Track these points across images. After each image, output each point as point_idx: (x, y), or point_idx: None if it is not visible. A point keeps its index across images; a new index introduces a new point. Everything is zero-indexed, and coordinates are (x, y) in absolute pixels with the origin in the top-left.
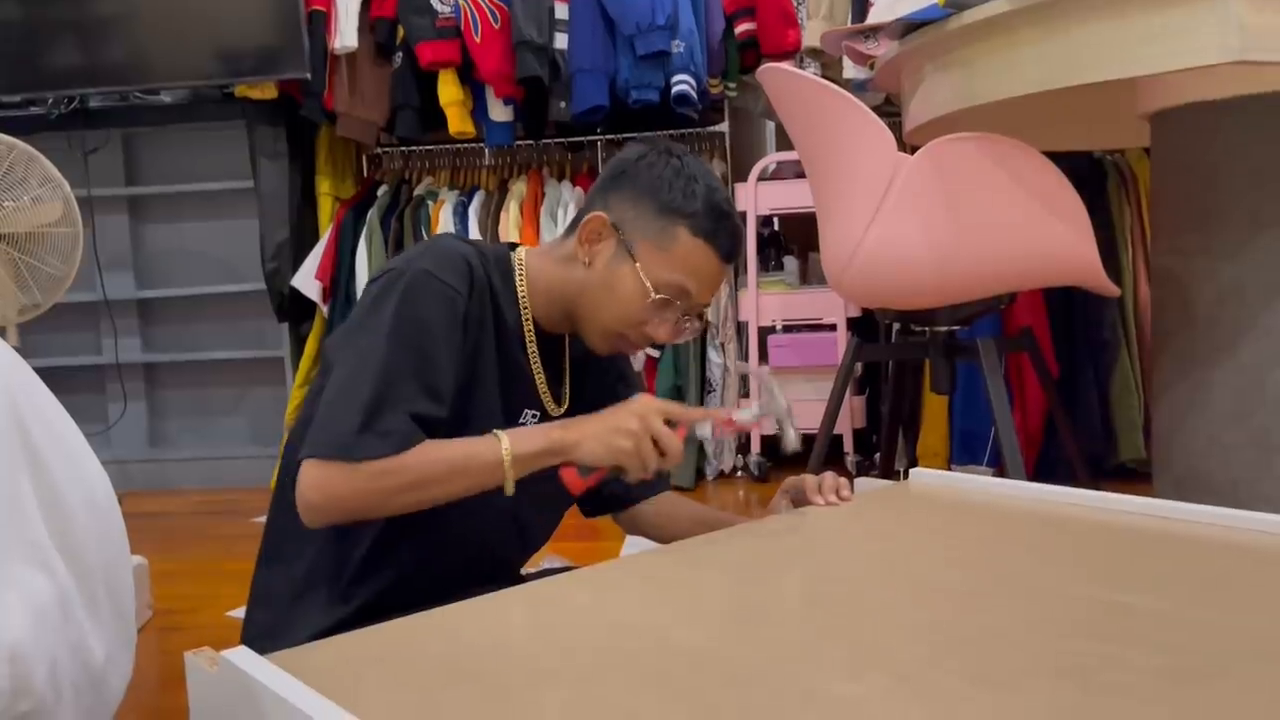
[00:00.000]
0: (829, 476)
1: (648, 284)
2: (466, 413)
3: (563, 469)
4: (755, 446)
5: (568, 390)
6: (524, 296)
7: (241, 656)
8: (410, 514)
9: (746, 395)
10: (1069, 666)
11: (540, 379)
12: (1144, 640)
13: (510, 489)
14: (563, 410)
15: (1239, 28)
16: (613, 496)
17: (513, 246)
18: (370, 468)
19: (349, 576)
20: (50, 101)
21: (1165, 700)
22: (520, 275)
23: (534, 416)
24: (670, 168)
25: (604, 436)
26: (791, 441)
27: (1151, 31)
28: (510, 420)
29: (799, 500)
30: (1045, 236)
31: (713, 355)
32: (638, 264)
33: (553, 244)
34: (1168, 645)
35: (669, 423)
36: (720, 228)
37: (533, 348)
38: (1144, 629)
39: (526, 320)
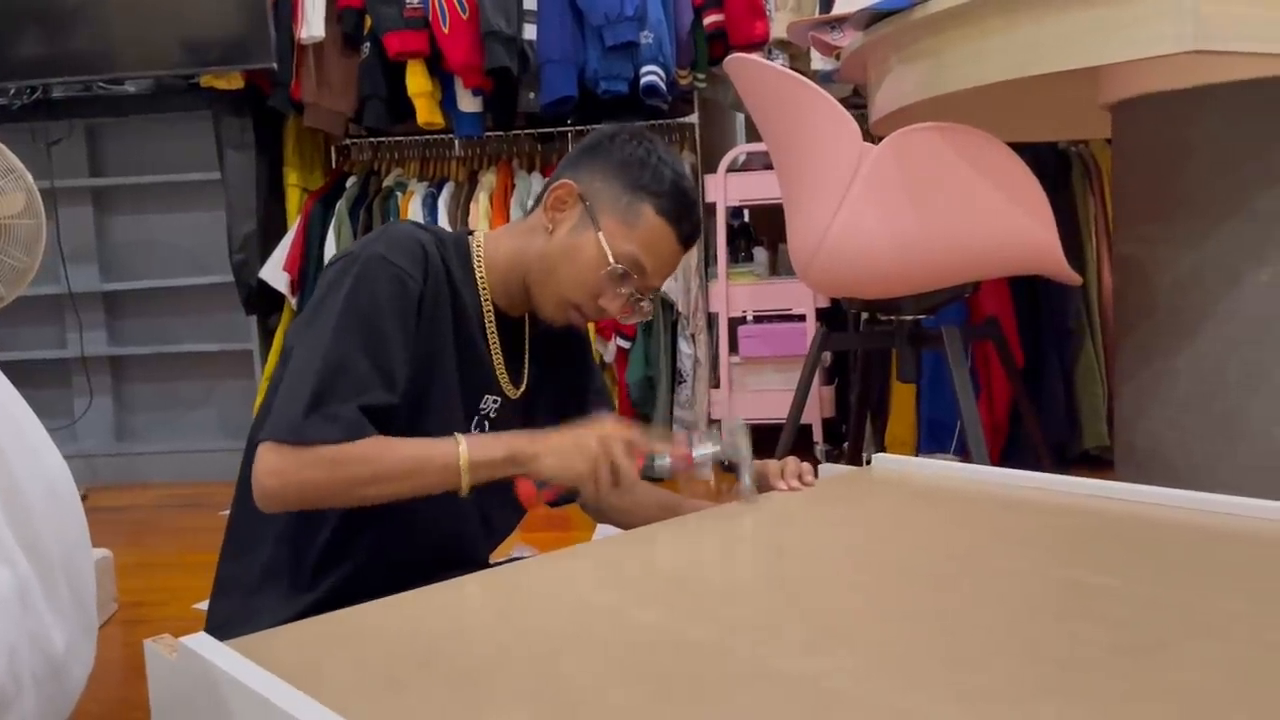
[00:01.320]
0: (791, 461)
1: (608, 252)
2: (424, 398)
3: (519, 480)
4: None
5: (526, 371)
6: (482, 279)
7: (201, 643)
8: (371, 505)
9: (716, 385)
10: (1025, 643)
11: (499, 362)
12: (1099, 617)
13: (466, 493)
14: (520, 392)
15: (1194, 17)
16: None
17: (471, 232)
18: (326, 456)
19: (311, 566)
20: (12, 92)
21: (1117, 673)
22: (479, 258)
23: (494, 401)
24: (643, 148)
25: (564, 455)
26: (746, 489)
27: (1111, 21)
28: (470, 406)
29: (763, 486)
30: (1007, 225)
31: (684, 346)
32: (600, 233)
33: (515, 222)
34: (1122, 621)
35: (630, 450)
36: (684, 213)
37: (492, 330)
38: (1099, 607)
39: (486, 303)
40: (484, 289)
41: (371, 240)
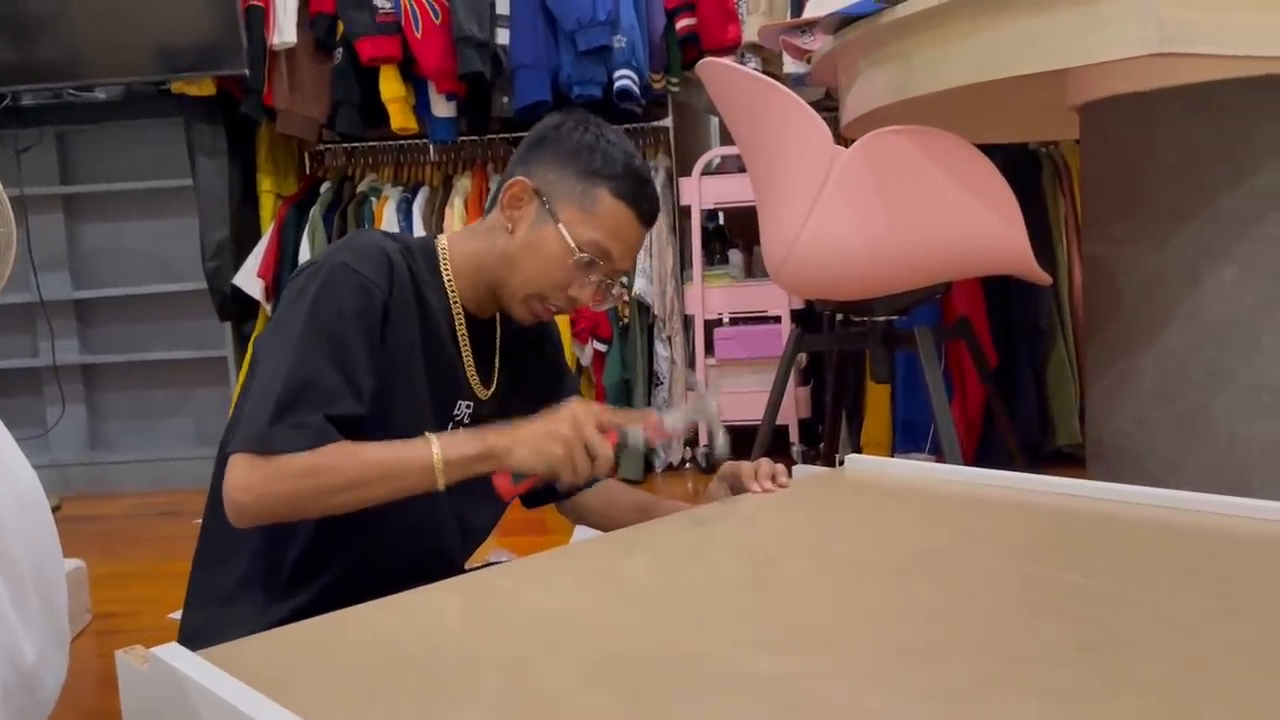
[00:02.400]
0: (765, 463)
1: (571, 243)
2: (393, 407)
3: (495, 475)
4: (703, 439)
5: (496, 373)
6: (450, 281)
7: (172, 653)
8: (346, 513)
9: (693, 388)
10: (986, 639)
11: (469, 365)
12: (1066, 614)
13: (442, 490)
14: (490, 393)
15: (1157, 21)
16: (553, 488)
17: (436, 237)
18: (297, 467)
19: (286, 576)
20: None
21: (1084, 670)
22: (445, 261)
23: (467, 407)
24: (590, 134)
25: (537, 444)
26: (720, 448)
27: (1076, 24)
28: (442, 412)
29: (736, 487)
30: (977, 227)
31: (660, 349)
32: (560, 224)
33: (476, 224)
34: (1089, 618)
35: (601, 428)
36: (641, 192)
37: (463, 334)
38: (1063, 603)
39: (455, 306)
40: (452, 293)
41: (336, 249)
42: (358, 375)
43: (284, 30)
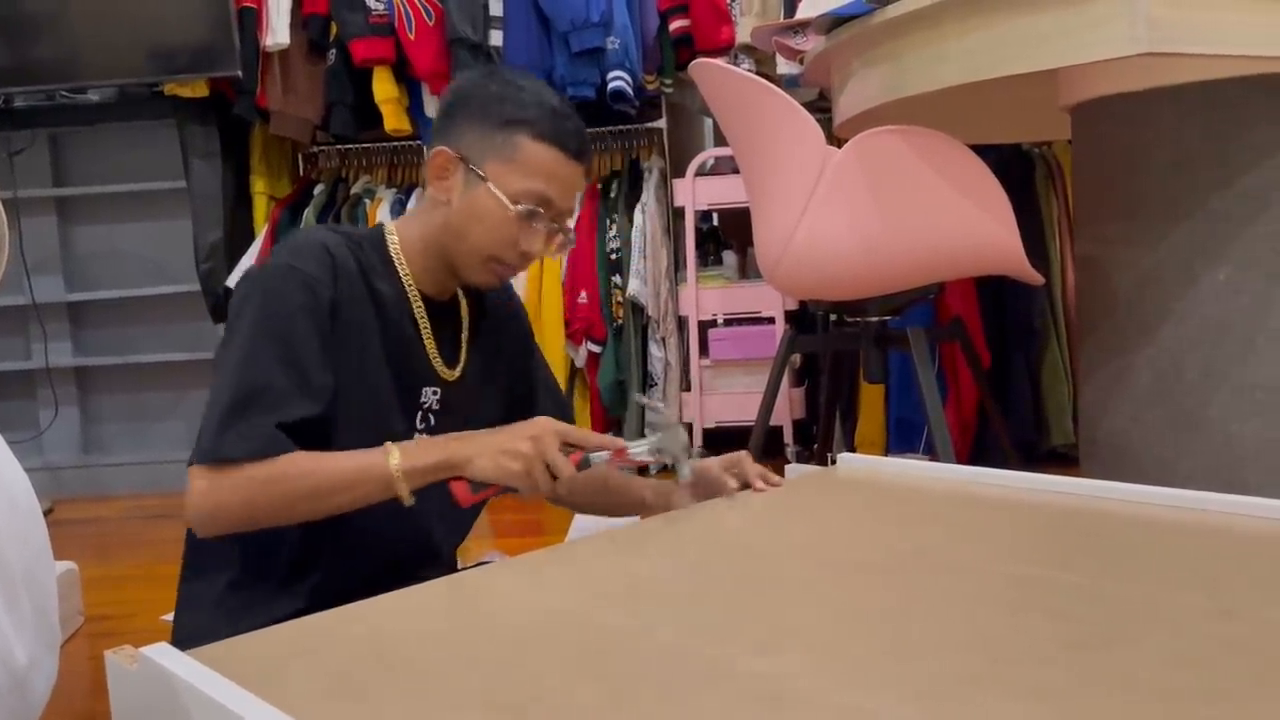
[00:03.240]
0: (744, 460)
1: (504, 199)
2: (353, 400)
3: (453, 482)
4: (696, 441)
5: (463, 355)
6: (402, 266)
7: (161, 653)
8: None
9: (688, 389)
10: (977, 637)
11: (432, 350)
12: (1053, 612)
13: (408, 501)
14: (456, 375)
15: (1147, 21)
16: None
17: (382, 224)
18: (258, 475)
19: (276, 579)
20: None
21: (1073, 668)
22: (395, 247)
23: (434, 393)
24: (497, 83)
25: (496, 457)
26: (684, 477)
27: (1065, 25)
28: (408, 402)
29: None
30: (969, 227)
31: (654, 350)
32: (489, 183)
33: (416, 208)
34: (1079, 616)
35: (566, 448)
36: (561, 127)
37: (422, 318)
38: (1054, 601)
39: (410, 290)
40: (406, 278)
41: (277, 251)
42: (311, 374)
43: (277, 31)
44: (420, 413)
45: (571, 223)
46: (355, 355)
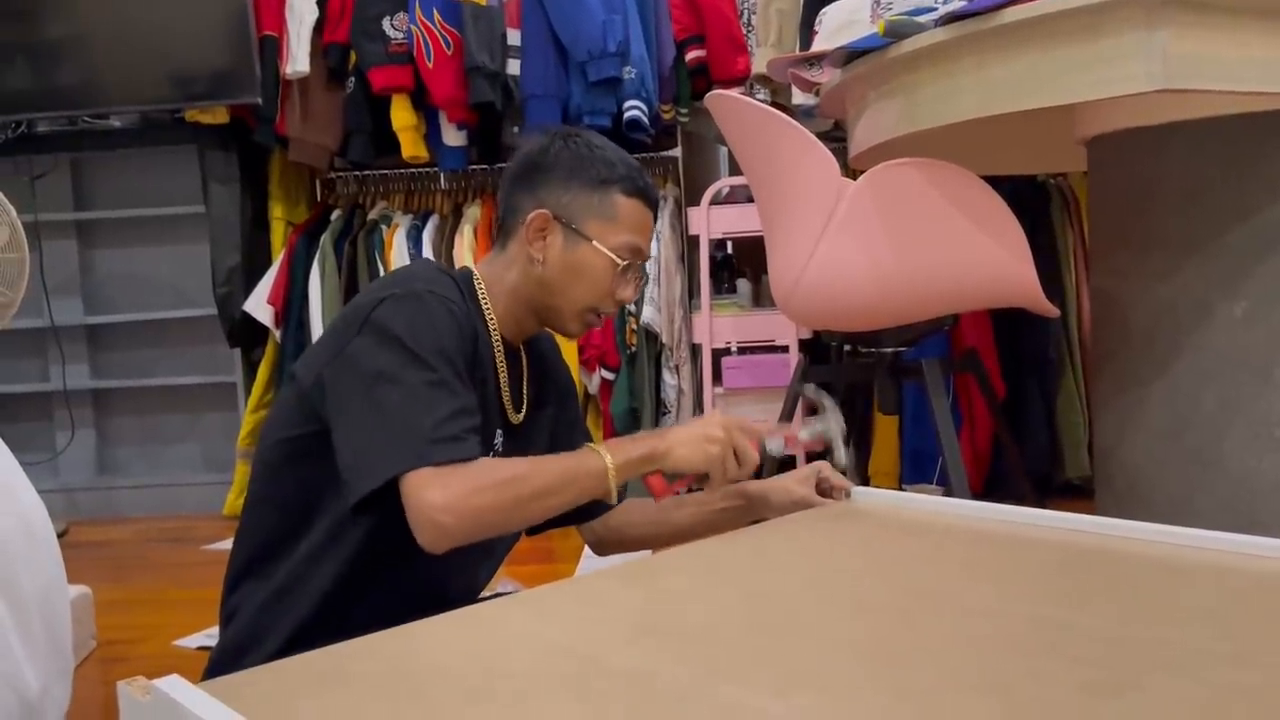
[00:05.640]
0: (825, 468)
1: (611, 255)
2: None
3: (649, 478)
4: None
5: (525, 400)
6: (489, 310)
7: (173, 685)
8: (391, 538)
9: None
10: (992, 682)
11: (505, 392)
12: (1067, 655)
13: (614, 499)
14: (520, 419)
15: (1163, 57)
16: (579, 511)
17: (470, 268)
18: (488, 481)
19: (324, 592)
20: None
21: (1086, 713)
22: (483, 294)
23: (500, 436)
24: (582, 144)
25: (696, 444)
26: (841, 460)
27: (1083, 60)
28: (486, 442)
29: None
30: (984, 259)
31: (667, 377)
32: (594, 241)
33: (494, 256)
34: (1090, 660)
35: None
36: (644, 181)
37: (501, 362)
38: (1068, 644)
39: (495, 335)
40: (492, 323)
41: (407, 278)
42: (467, 393)
43: (297, 60)
44: (492, 453)
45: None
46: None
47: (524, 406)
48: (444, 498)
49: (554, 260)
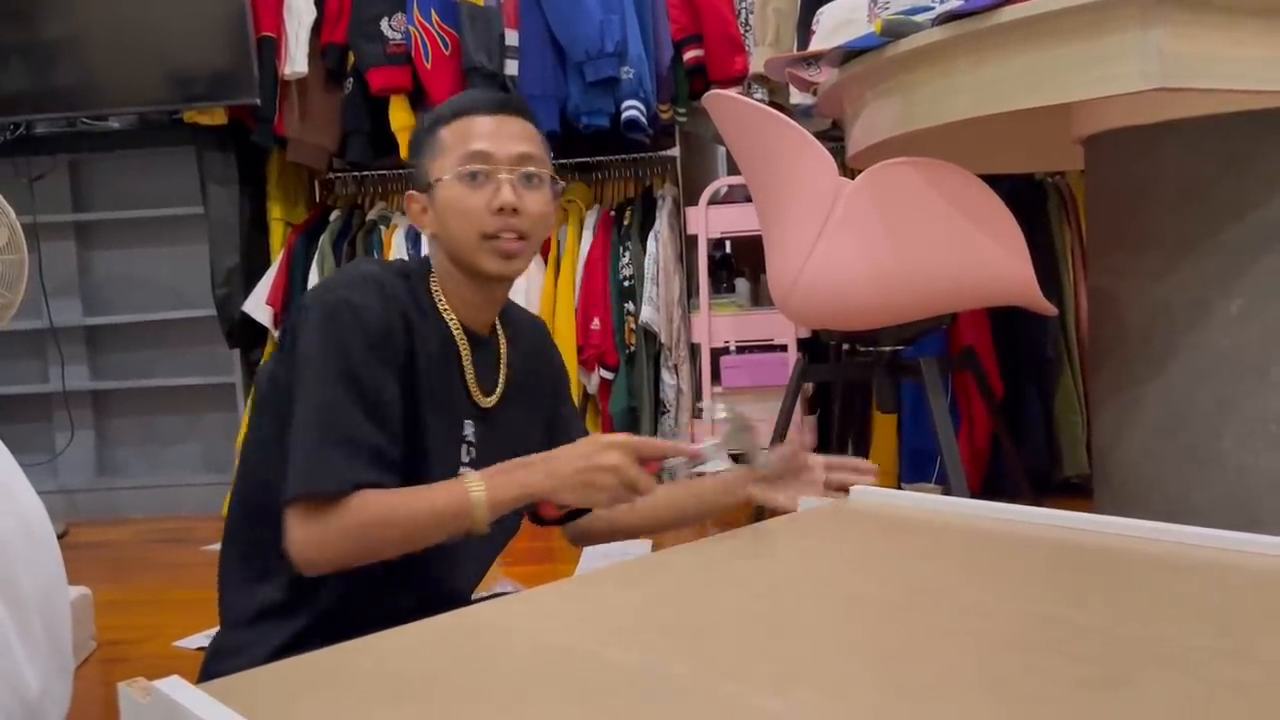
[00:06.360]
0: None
1: (453, 179)
2: (417, 431)
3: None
4: (708, 470)
5: (500, 385)
6: (442, 301)
7: (173, 686)
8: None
9: (699, 416)
10: (989, 677)
11: (471, 379)
12: (1065, 652)
13: (484, 532)
14: (494, 402)
15: (1159, 55)
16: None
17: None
18: (353, 525)
19: (309, 596)
20: None
21: (1081, 709)
22: (435, 280)
23: (473, 425)
24: (427, 117)
25: (579, 489)
26: (763, 467)
27: (1079, 59)
28: (453, 432)
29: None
30: (981, 258)
31: (666, 377)
32: (439, 180)
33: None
34: (1088, 657)
35: (643, 460)
36: (463, 101)
37: (465, 352)
38: (1065, 639)
39: (452, 322)
40: (446, 311)
41: (332, 285)
42: (383, 407)
43: (295, 60)
44: (464, 445)
45: (526, 168)
46: (405, 387)
47: (497, 392)
48: (306, 535)
49: (433, 222)
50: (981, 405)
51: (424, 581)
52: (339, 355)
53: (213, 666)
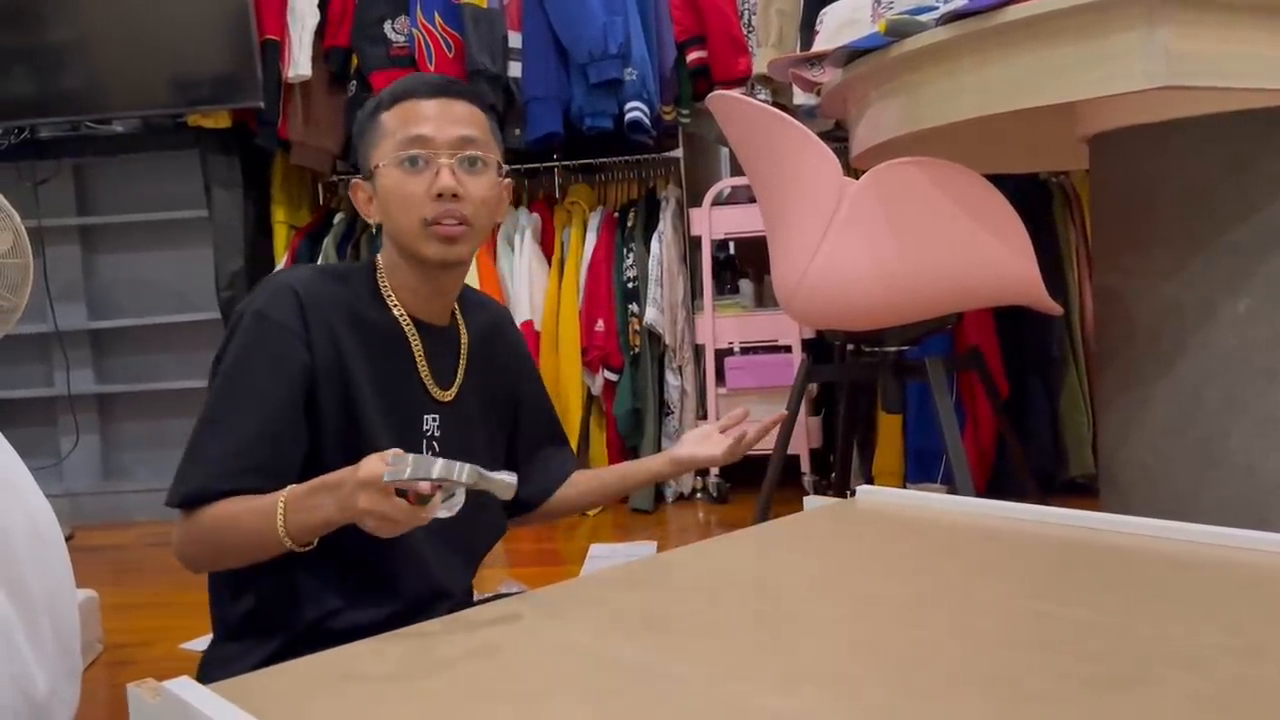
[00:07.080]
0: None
1: (391, 165)
2: (345, 429)
3: None
4: (713, 470)
5: (459, 377)
6: (390, 296)
7: (183, 687)
8: (357, 541)
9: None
10: (996, 675)
11: (425, 373)
12: (1071, 649)
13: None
14: (452, 396)
15: (1164, 54)
16: (520, 502)
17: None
18: (201, 526)
19: (290, 606)
20: (0, 132)
21: (1085, 706)
22: (382, 278)
23: (434, 420)
24: (366, 106)
25: (357, 517)
26: (503, 491)
27: (1084, 58)
28: (408, 429)
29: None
30: (987, 257)
31: (670, 378)
32: (379, 166)
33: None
34: (1094, 654)
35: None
36: (401, 86)
37: (416, 344)
38: (1073, 638)
39: (402, 318)
40: (396, 307)
41: (252, 299)
42: (278, 426)
43: (299, 64)
44: (425, 441)
45: (476, 152)
46: (340, 389)
47: (455, 385)
48: (176, 537)
49: (376, 211)
50: (987, 405)
51: (403, 590)
52: (236, 366)
53: (205, 677)
